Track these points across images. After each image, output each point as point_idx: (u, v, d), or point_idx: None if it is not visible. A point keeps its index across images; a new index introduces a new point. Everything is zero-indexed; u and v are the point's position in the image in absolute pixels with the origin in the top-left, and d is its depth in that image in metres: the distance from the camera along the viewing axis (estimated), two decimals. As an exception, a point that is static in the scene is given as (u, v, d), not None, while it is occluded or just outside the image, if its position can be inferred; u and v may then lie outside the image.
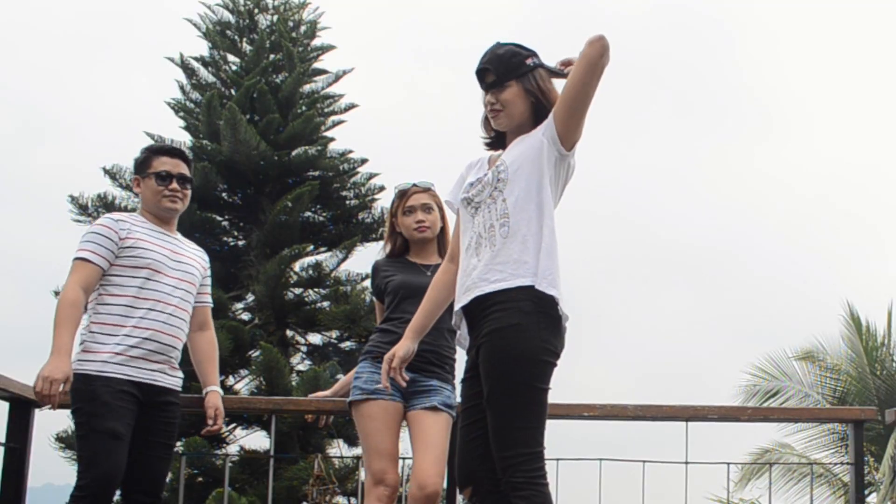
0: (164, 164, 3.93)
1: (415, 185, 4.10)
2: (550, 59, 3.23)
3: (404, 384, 3.45)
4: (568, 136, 3.07)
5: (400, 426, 3.94)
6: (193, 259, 3.98)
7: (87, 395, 3.62)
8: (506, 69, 3.14)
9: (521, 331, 2.94)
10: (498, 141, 3.29)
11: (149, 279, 3.76)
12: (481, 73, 3.20)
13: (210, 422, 3.97)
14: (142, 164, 3.96)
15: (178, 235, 4.02)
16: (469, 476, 3.13)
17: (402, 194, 4.10)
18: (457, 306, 3.17)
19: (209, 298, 4.10)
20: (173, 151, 3.99)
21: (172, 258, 3.86)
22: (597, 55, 2.97)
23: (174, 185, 3.92)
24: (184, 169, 3.98)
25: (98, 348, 3.68)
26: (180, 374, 3.91)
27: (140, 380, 3.71)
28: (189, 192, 4.02)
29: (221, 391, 4.05)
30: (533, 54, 3.19)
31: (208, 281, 4.09)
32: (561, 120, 3.06)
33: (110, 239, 3.77)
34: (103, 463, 3.58)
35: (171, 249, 3.89)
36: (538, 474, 2.94)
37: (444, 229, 4.11)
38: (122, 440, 3.61)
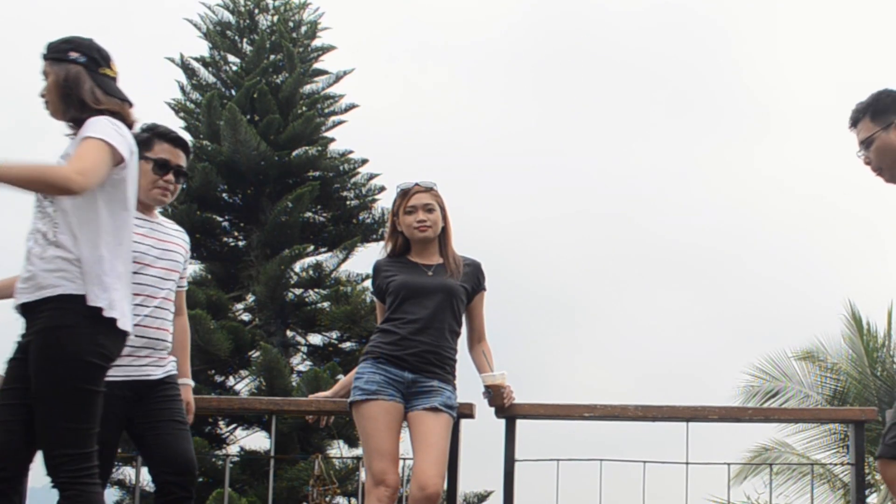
0: (165, 151, 3.66)
1: (417, 184, 4.10)
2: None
3: None
4: None
5: (401, 427, 3.93)
6: (177, 245, 3.76)
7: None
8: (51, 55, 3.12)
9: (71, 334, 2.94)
10: None
11: (135, 273, 3.48)
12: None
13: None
14: (141, 145, 3.63)
15: (159, 218, 3.78)
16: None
17: (405, 193, 4.10)
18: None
19: (186, 283, 3.88)
20: (177, 140, 3.72)
21: (158, 247, 3.64)
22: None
23: (170, 176, 3.66)
24: (182, 161, 3.73)
25: None
26: (172, 359, 3.70)
27: (131, 378, 3.53)
28: (180, 187, 3.78)
29: (193, 383, 3.88)
30: (83, 50, 3.10)
31: (187, 265, 3.87)
32: None
33: None
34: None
35: (155, 238, 3.66)
36: (84, 474, 2.97)
37: (445, 229, 4.11)
38: (108, 448, 3.43)
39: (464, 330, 4.14)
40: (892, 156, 3.35)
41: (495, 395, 4.12)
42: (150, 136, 3.69)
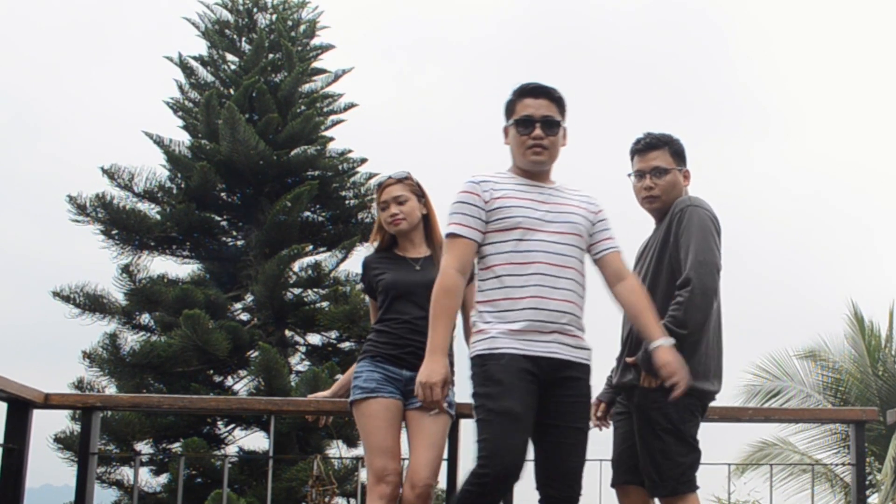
0: (526, 107, 3.38)
1: (390, 177, 4.05)
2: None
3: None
4: None
5: (401, 424, 3.90)
6: (575, 207, 3.43)
7: (482, 375, 3.22)
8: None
9: None
10: None
11: (521, 240, 3.28)
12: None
13: (667, 383, 3.33)
14: (507, 110, 3.45)
15: (556, 184, 3.48)
16: None
17: (379, 188, 4.07)
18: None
19: (613, 243, 3.48)
20: (537, 90, 3.41)
21: (549, 211, 3.35)
22: None
23: (537, 131, 3.36)
24: (551, 111, 3.40)
25: (485, 326, 3.28)
26: (585, 345, 3.36)
27: (535, 354, 3.22)
28: (557, 139, 3.41)
29: (671, 341, 3.37)
30: None
31: (606, 224, 3.49)
32: None
33: (475, 206, 3.33)
34: (501, 448, 3.13)
35: (544, 202, 3.37)
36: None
37: (428, 217, 4.05)
38: (519, 421, 3.15)
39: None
40: (675, 194, 3.73)
41: None
42: (513, 99, 3.46)
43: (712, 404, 3.84)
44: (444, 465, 4.16)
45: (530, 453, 3.24)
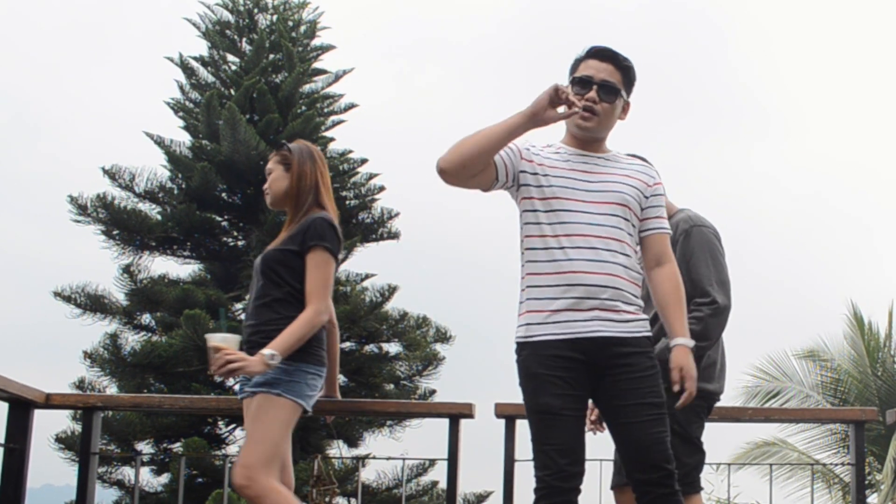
0: (588, 67, 3.16)
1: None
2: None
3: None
4: None
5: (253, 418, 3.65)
6: (626, 177, 3.17)
7: (520, 368, 3.06)
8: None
9: None
10: None
11: (559, 211, 3.06)
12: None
13: (675, 386, 3.07)
14: (571, 69, 3.25)
15: (612, 153, 3.24)
16: None
17: None
18: None
19: (661, 223, 3.22)
20: (604, 53, 3.18)
21: (593, 181, 3.12)
22: None
23: (591, 94, 3.11)
24: (613, 77, 3.14)
25: (523, 310, 3.07)
26: (636, 317, 3.06)
27: (575, 335, 2.98)
28: (612, 108, 3.15)
29: (691, 343, 3.15)
30: None
31: (658, 201, 3.22)
32: None
33: (510, 148, 3.10)
34: (547, 450, 2.98)
35: (588, 171, 3.14)
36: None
37: (293, 185, 3.80)
38: (559, 416, 2.96)
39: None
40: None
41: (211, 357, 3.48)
42: (579, 58, 3.22)
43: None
44: (445, 465, 4.16)
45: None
